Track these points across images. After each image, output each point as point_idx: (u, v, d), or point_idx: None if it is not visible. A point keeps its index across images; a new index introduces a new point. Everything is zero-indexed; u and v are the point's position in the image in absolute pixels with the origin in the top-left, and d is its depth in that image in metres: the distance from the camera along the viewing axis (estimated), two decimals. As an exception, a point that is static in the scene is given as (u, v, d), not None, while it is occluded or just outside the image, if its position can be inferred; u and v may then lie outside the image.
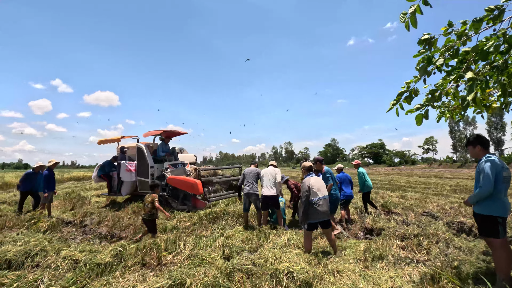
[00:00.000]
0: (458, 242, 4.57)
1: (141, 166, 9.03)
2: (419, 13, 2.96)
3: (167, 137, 9.76)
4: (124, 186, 9.19)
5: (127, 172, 9.08)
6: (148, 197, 5.02)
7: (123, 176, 9.08)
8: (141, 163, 9.03)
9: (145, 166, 8.88)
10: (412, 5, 2.98)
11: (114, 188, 9.70)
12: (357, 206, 8.16)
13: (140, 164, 9.08)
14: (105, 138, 10.52)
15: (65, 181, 22.50)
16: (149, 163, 8.78)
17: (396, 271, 3.42)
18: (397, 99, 3.64)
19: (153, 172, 8.79)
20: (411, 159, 71.70)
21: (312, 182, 4.20)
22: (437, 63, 3.30)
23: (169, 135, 9.84)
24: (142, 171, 8.99)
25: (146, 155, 8.90)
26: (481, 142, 3.39)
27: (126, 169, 9.08)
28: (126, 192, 9.28)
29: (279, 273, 3.06)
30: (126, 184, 9.19)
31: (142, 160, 8.99)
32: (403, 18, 2.93)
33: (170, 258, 4.05)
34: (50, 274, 3.39)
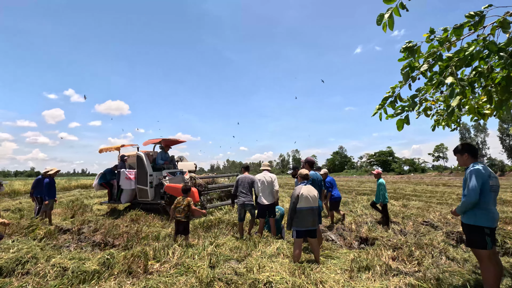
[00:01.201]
0: (453, 253, 4.43)
1: (140, 174, 9.10)
2: (397, 15, 2.96)
3: (166, 146, 9.85)
4: (124, 194, 9.26)
5: (126, 180, 9.16)
6: (183, 200, 5.28)
7: (123, 184, 9.17)
8: (140, 171, 9.11)
9: (144, 174, 8.95)
10: (390, 8, 2.99)
11: (114, 196, 9.77)
12: (357, 214, 8.03)
13: (140, 172, 9.15)
14: (106, 147, 10.67)
15: (72, 188, 22.83)
16: (148, 171, 8.84)
17: (382, 282, 3.33)
18: (382, 103, 3.62)
19: (151, 180, 8.84)
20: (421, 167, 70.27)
21: (303, 191, 4.17)
22: (422, 68, 3.29)
23: (168, 143, 9.93)
24: (141, 179, 9.04)
25: (145, 163, 8.98)
26: (469, 150, 3.32)
27: (126, 177, 9.18)
28: (125, 200, 9.33)
29: (258, 283, 3.02)
30: (126, 192, 9.25)
31: (141, 168, 9.07)
32: (380, 20, 2.93)
33: (157, 266, 4.05)
34: (35, 281, 3.42)
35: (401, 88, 3.44)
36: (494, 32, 2.88)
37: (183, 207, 5.20)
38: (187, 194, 5.38)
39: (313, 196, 4.19)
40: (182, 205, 5.20)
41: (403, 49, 3.33)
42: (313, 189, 4.32)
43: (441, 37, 3.24)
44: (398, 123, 3.28)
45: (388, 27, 3.07)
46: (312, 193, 4.20)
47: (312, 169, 5.25)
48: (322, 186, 5.21)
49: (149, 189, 8.74)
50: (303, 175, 4.44)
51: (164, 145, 9.76)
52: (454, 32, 3.07)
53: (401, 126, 3.29)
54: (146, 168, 8.89)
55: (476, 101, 4.02)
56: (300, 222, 4.09)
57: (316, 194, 4.27)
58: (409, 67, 3.31)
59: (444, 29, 3.18)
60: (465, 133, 65.82)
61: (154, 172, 9.00)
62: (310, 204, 4.12)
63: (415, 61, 3.36)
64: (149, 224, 7.27)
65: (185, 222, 5.19)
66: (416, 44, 3.29)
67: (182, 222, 5.17)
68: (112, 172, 9.98)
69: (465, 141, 64.27)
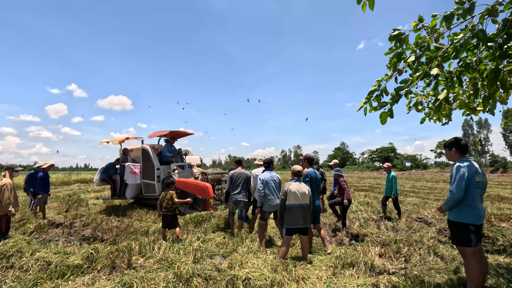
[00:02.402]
0: (442, 250, 4.35)
1: (147, 168, 8.68)
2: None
3: (172, 138, 9.44)
4: (129, 189, 8.79)
5: (132, 174, 8.66)
6: (166, 194, 5.24)
7: (128, 178, 8.64)
8: (147, 165, 8.69)
9: (150, 168, 8.54)
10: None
11: (118, 192, 9.36)
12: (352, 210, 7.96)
13: (146, 166, 8.73)
14: (107, 140, 10.16)
15: (72, 183, 22.93)
16: (155, 165, 8.47)
17: (365, 279, 3.27)
18: (368, 97, 3.52)
19: (159, 174, 8.46)
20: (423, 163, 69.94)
21: (292, 188, 4.09)
22: (408, 60, 3.18)
23: (175, 136, 9.50)
24: (147, 173, 8.64)
25: (152, 156, 8.57)
26: (457, 145, 3.22)
27: (131, 171, 8.68)
28: (130, 196, 8.87)
29: (236, 279, 2.96)
30: (131, 187, 8.76)
31: (148, 162, 8.65)
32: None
33: (141, 261, 4.01)
34: (14, 275, 3.39)
35: (387, 81, 3.34)
36: (482, 21, 2.76)
37: (167, 201, 5.15)
38: (169, 188, 5.34)
39: (303, 193, 4.06)
40: (166, 199, 5.15)
41: (391, 37, 3.21)
42: (304, 186, 4.18)
43: (429, 26, 3.13)
44: (382, 116, 3.18)
45: (368, 7, 2.95)
46: (301, 190, 4.07)
47: (311, 165, 4.95)
48: (320, 184, 4.88)
49: (156, 184, 8.34)
50: (295, 172, 4.31)
51: (170, 138, 9.35)
52: (444, 20, 2.94)
53: (385, 120, 3.19)
54: (153, 161, 8.49)
55: (467, 95, 3.91)
56: (289, 220, 4.01)
57: (307, 191, 4.11)
58: (397, 58, 3.19)
59: (433, 15, 3.06)
60: (468, 129, 65.31)
61: (161, 166, 8.63)
62: (300, 201, 4.02)
63: (402, 52, 3.25)
64: (140, 219, 7.25)
65: (172, 215, 5.16)
66: (404, 32, 3.18)
67: (169, 216, 5.14)
68: (114, 167, 9.54)
69: (468, 137, 63.79)
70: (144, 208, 8.72)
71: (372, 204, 9.28)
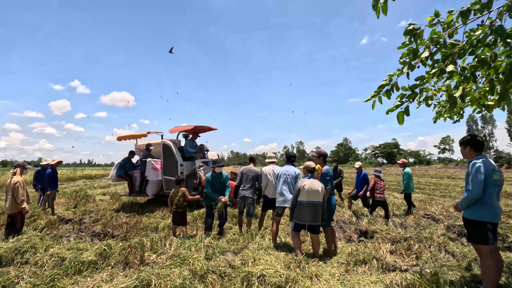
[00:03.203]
0: (453, 247, 4.36)
1: (169, 164, 8.35)
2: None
3: (194, 134, 9.10)
4: (150, 186, 8.44)
5: (153, 170, 8.34)
6: (178, 191, 5.28)
7: (149, 175, 8.29)
8: (169, 161, 8.37)
9: (173, 164, 8.22)
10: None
11: (136, 188, 9.01)
12: (358, 206, 7.97)
13: (167, 162, 8.40)
14: (126, 134, 9.70)
15: (77, 179, 23.11)
16: (178, 161, 8.21)
17: (378, 276, 3.29)
18: (377, 91, 3.50)
19: (182, 170, 8.20)
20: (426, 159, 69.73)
21: (305, 185, 4.08)
22: (422, 56, 3.14)
23: (197, 131, 9.17)
24: (169, 169, 8.31)
25: (175, 152, 8.29)
26: (471, 143, 3.19)
27: (153, 167, 8.34)
28: (152, 193, 8.51)
29: (251, 276, 2.99)
30: (152, 183, 8.42)
31: (170, 158, 8.33)
32: (375, 4, 2.78)
33: (154, 257, 4.05)
34: (31, 271, 3.45)
35: (398, 76, 3.31)
36: (501, 17, 2.72)
37: (179, 198, 5.18)
38: (180, 185, 5.37)
39: (315, 191, 4.03)
40: (177, 196, 5.18)
41: (406, 31, 3.17)
42: (317, 183, 4.13)
43: (445, 22, 3.09)
44: (399, 116, 3.15)
45: (382, 12, 2.93)
46: (314, 188, 4.05)
47: (325, 163, 4.62)
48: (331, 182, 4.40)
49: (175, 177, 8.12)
50: (309, 169, 4.28)
51: (192, 133, 9.02)
52: (461, 15, 2.90)
53: (402, 119, 3.16)
54: (176, 157, 8.22)
55: (479, 92, 3.87)
56: (298, 215, 4.04)
57: (320, 189, 4.06)
58: (412, 53, 3.15)
59: (449, 11, 3.02)
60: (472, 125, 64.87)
61: (184, 162, 8.38)
62: (311, 199, 4.01)
63: (416, 47, 3.21)
64: (149, 215, 7.31)
65: (182, 212, 5.20)
66: (419, 27, 3.14)
67: (179, 213, 5.17)
68: (130, 162, 9.20)
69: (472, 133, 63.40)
70: (152, 205, 8.78)
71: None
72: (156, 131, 9.26)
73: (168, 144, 8.46)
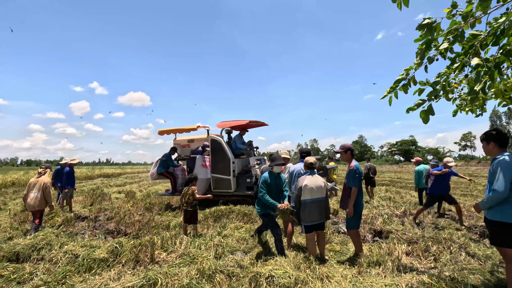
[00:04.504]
0: (474, 249, 4.12)
1: (218, 161, 7.85)
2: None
3: (243, 129, 8.61)
4: (198, 184, 7.70)
5: (202, 168, 7.93)
6: (188, 190, 5.23)
7: (198, 172, 7.76)
8: (218, 158, 7.86)
9: (225, 161, 7.71)
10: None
11: (179, 187, 8.57)
12: (373, 205, 7.74)
13: (217, 159, 7.89)
14: (169, 128, 9.16)
15: (95, 177, 23.79)
16: (231, 158, 7.70)
17: (392, 279, 3.14)
18: (393, 86, 3.33)
19: (234, 168, 7.73)
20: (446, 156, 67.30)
21: (306, 182, 3.93)
22: (441, 47, 2.95)
23: (246, 127, 8.67)
24: (219, 167, 7.82)
25: (226, 148, 7.77)
26: (495, 138, 2.96)
27: (202, 164, 7.95)
28: (201, 191, 7.96)
29: (260, 276, 2.92)
30: (201, 182, 7.86)
31: (220, 155, 7.83)
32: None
33: (164, 256, 4.06)
34: (45, 267, 3.52)
35: (416, 70, 3.13)
36: (528, 3, 2.51)
37: (188, 197, 5.19)
38: (191, 183, 5.36)
39: (318, 187, 3.86)
40: (187, 195, 5.19)
41: (420, 26, 3.00)
42: (319, 179, 3.95)
43: (464, 11, 2.89)
44: (422, 115, 2.97)
45: (403, 4, 2.78)
46: (317, 184, 3.88)
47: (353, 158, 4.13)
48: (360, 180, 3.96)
49: (232, 179, 7.67)
50: (308, 164, 4.06)
51: (241, 129, 8.59)
52: (480, 5, 2.70)
53: (426, 118, 2.96)
54: (228, 154, 7.72)
55: (504, 84, 3.62)
56: (305, 216, 3.84)
57: (323, 185, 3.91)
58: (426, 45, 2.97)
59: (468, 1, 2.82)
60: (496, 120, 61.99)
61: (236, 159, 7.92)
62: (315, 196, 3.84)
63: (433, 39, 3.02)
64: (161, 214, 7.38)
65: (192, 211, 5.19)
66: (435, 20, 2.96)
67: (189, 211, 5.18)
68: (171, 158, 8.73)
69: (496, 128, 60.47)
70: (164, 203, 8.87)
71: (395, 199, 8.99)
72: (204, 125, 8.64)
73: (218, 140, 7.93)
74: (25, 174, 21.35)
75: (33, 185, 5.36)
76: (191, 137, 9.44)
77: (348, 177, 3.95)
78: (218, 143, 7.92)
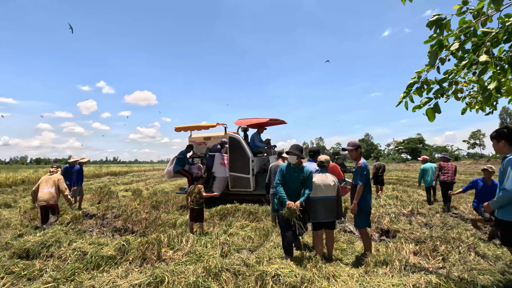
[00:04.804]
0: (484, 249, 4.05)
1: (237, 160, 7.68)
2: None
3: (260, 127, 8.45)
4: (217, 183, 7.81)
5: (221, 166, 7.78)
6: (195, 188, 5.27)
7: (217, 171, 7.74)
8: (237, 156, 7.69)
9: (244, 159, 7.51)
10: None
11: None
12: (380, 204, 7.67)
13: (235, 157, 7.72)
14: (186, 125, 9.01)
15: (103, 175, 24.08)
16: (250, 156, 7.50)
17: (400, 279, 3.10)
18: (407, 91, 3.29)
19: (253, 166, 7.57)
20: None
21: (316, 180, 3.95)
22: (452, 48, 2.89)
23: (263, 125, 8.47)
24: (238, 165, 7.64)
25: (245, 146, 7.57)
26: (506, 136, 2.90)
27: (221, 162, 7.80)
28: (220, 190, 7.79)
29: (265, 275, 2.92)
30: (220, 180, 7.82)
31: (239, 153, 7.65)
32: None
33: (171, 253, 4.09)
34: (54, 264, 3.58)
35: (428, 72, 3.08)
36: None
37: (195, 195, 5.20)
38: (198, 182, 5.37)
39: (327, 185, 3.88)
40: (194, 193, 5.21)
41: (430, 23, 2.94)
42: (329, 177, 3.98)
43: (475, 9, 2.82)
44: (428, 113, 2.93)
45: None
46: (326, 182, 3.91)
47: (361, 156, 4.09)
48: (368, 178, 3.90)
49: (251, 178, 7.52)
50: (319, 163, 4.19)
51: (259, 127, 8.46)
52: (493, 2, 2.64)
53: (432, 116, 2.93)
54: (248, 152, 7.52)
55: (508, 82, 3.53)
56: (314, 214, 3.88)
57: (332, 183, 3.90)
58: (438, 46, 2.92)
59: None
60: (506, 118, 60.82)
61: (254, 158, 7.72)
62: (322, 194, 3.87)
63: (444, 39, 2.96)
64: (168, 211, 7.44)
65: (198, 209, 5.22)
66: (445, 17, 2.90)
67: (195, 210, 5.20)
68: (187, 156, 8.60)
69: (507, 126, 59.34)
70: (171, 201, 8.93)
71: (402, 198, 8.89)
72: (222, 123, 8.47)
73: (237, 138, 7.74)
74: (34, 172, 21.72)
75: (45, 181, 5.76)
76: (208, 134, 9.26)
77: (355, 174, 3.91)
78: (237, 141, 7.74)
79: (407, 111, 3.90)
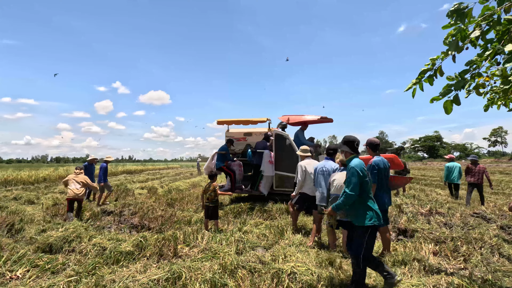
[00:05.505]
0: (508, 250, 3.90)
1: (284, 158, 7.41)
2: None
3: (304, 124, 8.15)
4: (265, 182, 7.48)
5: (269, 164, 7.42)
6: (210, 186, 5.32)
7: (265, 169, 7.36)
8: (284, 154, 7.42)
9: (293, 159, 7.12)
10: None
11: (238, 183, 7.99)
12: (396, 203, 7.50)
13: (282, 155, 7.45)
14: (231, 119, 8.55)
15: (119, 173, 24.69)
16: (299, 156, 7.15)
17: (420, 279, 3.03)
18: (419, 77, 3.17)
19: None
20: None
21: (335, 177, 3.94)
22: (472, 35, 2.77)
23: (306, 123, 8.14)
24: (285, 164, 7.36)
25: (293, 144, 7.27)
26: None
27: (270, 161, 7.43)
28: (267, 190, 7.49)
29: (281, 273, 2.91)
30: (267, 179, 7.49)
31: (287, 150, 7.37)
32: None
33: (186, 250, 4.15)
34: (76, 259, 3.70)
35: (443, 60, 2.96)
36: None
37: (210, 193, 5.25)
38: (213, 180, 5.42)
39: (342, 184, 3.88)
40: (209, 191, 5.26)
41: (451, 12, 2.83)
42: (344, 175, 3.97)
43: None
44: (446, 104, 2.82)
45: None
46: (341, 180, 3.90)
47: (375, 153, 3.91)
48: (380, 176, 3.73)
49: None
50: (341, 160, 4.13)
51: (303, 124, 8.11)
52: None
53: (449, 108, 2.82)
54: (296, 150, 7.10)
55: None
56: None
57: None
58: (460, 33, 2.79)
59: None
60: (530, 114, 58.06)
61: None
62: (339, 192, 3.81)
63: (464, 27, 2.84)
64: (183, 209, 7.55)
65: (213, 207, 5.26)
66: (467, 6, 2.78)
67: (210, 207, 5.25)
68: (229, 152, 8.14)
69: (530, 123, 56.68)
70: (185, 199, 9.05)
71: (419, 197, 8.68)
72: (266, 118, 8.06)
73: (285, 135, 7.43)
74: (55, 170, 22.52)
75: (73, 179, 6.56)
76: (249, 130, 8.84)
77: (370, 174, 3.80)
78: (284, 138, 7.42)
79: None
